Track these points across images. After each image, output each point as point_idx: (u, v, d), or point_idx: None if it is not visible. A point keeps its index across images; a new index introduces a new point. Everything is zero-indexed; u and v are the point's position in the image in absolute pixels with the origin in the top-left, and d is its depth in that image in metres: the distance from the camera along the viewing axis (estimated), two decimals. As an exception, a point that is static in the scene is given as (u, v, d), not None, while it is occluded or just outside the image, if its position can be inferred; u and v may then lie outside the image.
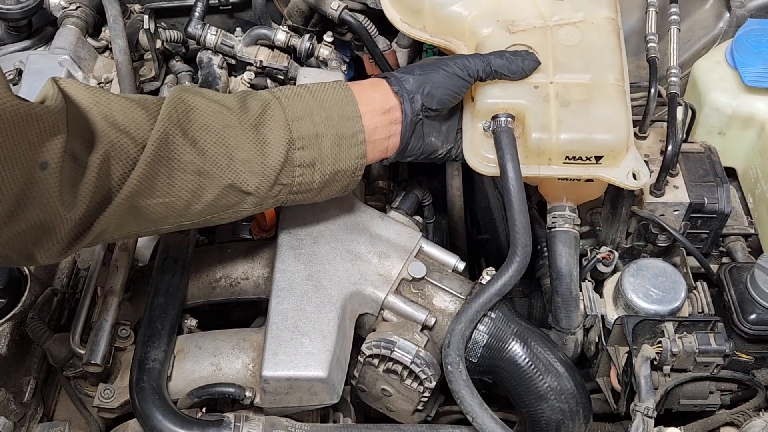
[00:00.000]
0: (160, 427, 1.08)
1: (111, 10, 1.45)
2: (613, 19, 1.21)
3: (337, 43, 1.61)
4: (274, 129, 1.02)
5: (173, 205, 0.99)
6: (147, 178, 0.95)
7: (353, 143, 1.07)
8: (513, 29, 1.19)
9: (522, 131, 1.11)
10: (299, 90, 1.08)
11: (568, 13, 1.20)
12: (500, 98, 1.12)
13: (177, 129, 0.97)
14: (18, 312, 1.19)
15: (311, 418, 1.21)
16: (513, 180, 1.08)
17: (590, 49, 1.17)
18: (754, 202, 1.39)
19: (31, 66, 1.42)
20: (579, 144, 1.09)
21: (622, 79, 1.15)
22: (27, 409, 1.20)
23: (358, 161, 1.08)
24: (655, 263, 1.22)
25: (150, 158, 0.94)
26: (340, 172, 1.08)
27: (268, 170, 1.02)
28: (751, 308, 1.16)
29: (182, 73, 1.61)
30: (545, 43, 1.17)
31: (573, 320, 1.22)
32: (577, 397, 1.13)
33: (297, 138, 1.03)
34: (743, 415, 1.19)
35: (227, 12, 1.72)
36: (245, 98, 1.04)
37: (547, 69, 1.15)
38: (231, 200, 1.02)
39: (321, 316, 1.12)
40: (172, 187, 0.97)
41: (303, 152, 1.04)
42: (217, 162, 0.99)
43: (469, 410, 1.07)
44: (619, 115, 1.11)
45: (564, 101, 1.11)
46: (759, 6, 1.52)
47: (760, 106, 1.37)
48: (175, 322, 1.20)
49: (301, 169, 1.04)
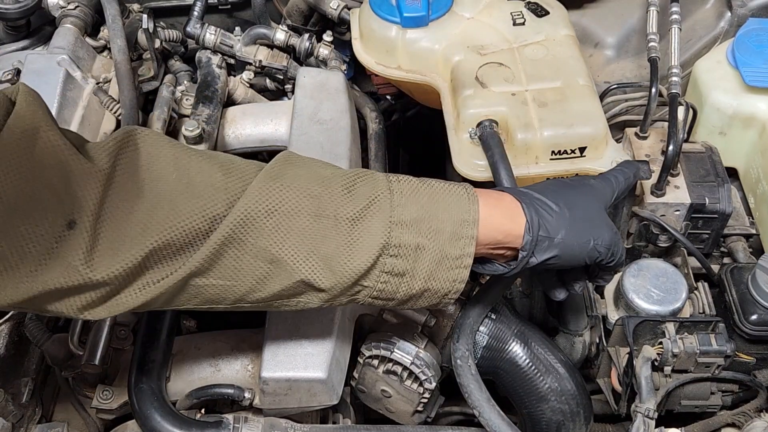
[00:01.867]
0: (159, 428, 1.08)
1: (110, 10, 1.44)
2: (572, 36, 1.33)
3: (337, 43, 1.61)
4: (374, 228, 0.89)
5: (235, 289, 0.89)
6: (214, 258, 0.85)
7: (455, 266, 0.92)
8: (483, 52, 1.29)
9: (507, 135, 1.18)
10: (419, 186, 0.93)
11: (530, 35, 1.32)
12: (482, 107, 1.20)
13: (264, 210, 0.85)
14: (16, 312, 1.19)
15: (311, 419, 1.21)
16: (505, 176, 1.10)
17: (556, 60, 1.27)
18: (756, 202, 1.38)
19: (29, 66, 1.42)
20: (562, 137, 1.17)
21: (590, 81, 1.26)
22: (25, 411, 1.20)
23: (455, 285, 0.94)
24: (656, 264, 1.22)
25: (223, 238, 0.84)
26: (431, 291, 0.93)
27: (349, 272, 0.89)
28: (753, 309, 1.15)
29: (181, 73, 1.60)
30: (514, 60, 1.28)
31: (581, 322, 1.22)
32: (577, 398, 1.13)
33: (395, 245, 0.89)
34: (744, 416, 1.18)
35: (226, 11, 1.71)
36: (355, 182, 0.91)
37: (521, 80, 1.24)
38: (299, 292, 0.91)
39: (320, 317, 1.12)
40: (239, 271, 0.87)
41: (395, 260, 0.90)
42: (296, 253, 0.87)
43: (476, 405, 1.06)
44: (594, 108, 1.21)
45: (541, 103, 1.21)
46: (760, 5, 1.51)
47: (761, 106, 1.36)
48: (174, 322, 1.20)
49: (388, 276, 0.91)
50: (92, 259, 0.80)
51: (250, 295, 0.90)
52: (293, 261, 0.87)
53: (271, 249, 0.87)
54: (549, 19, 1.35)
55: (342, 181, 0.91)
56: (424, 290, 0.93)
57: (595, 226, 0.97)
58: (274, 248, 0.87)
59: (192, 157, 0.88)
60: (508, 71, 1.25)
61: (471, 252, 0.92)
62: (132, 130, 0.86)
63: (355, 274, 0.89)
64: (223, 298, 0.90)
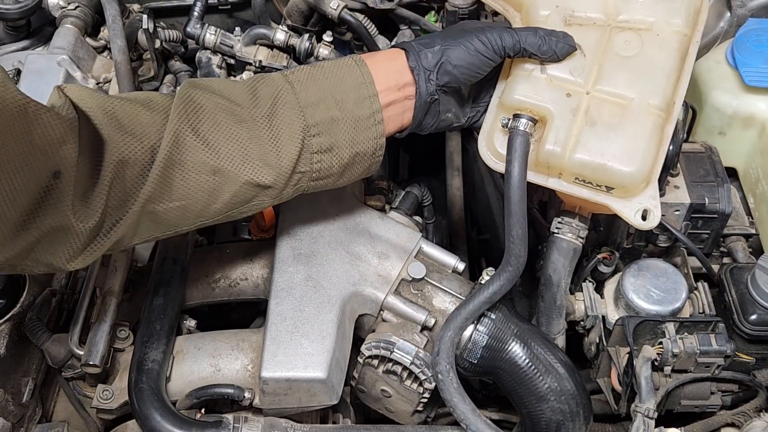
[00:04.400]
0: (159, 428, 1.08)
1: (110, 10, 1.45)
2: (686, 35, 1.08)
3: (337, 43, 1.61)
4: (288, 118, 1.00)
5: (191, 207, 0.98)
6: (162, 182, 0.94)
7: (370, 124, 1.04)
8: (570, 20, 1.08)
9: (540, 137, 1.06)
10: (313, 72, 1.04)
11: (637, 14, 1.08)
12: (528, 96, 1.06)
13: (188, 129, 0.95)
14: (17, 312, 1.19)
15: (310, 419, 1.21)
16: (516, 189, 1.04)
17: (643, 66, 1.06)
18: (755, 202, 1.39)
19: (29, 66, 1.42)
20: (590, 169, 1.03)
21: (665, 109, 1.05)
22: (25, 410, 1.20)
23: (377, 141, 1.05)
24: (656, 264, 1.22)
25: (163, 162, 0.93)
26: (360, 154, 1.05)
27: (284, 162, 1.00)
28: (752, 309, 1.16)
29: (181, 73, 1.60)
30: (598, 46, 1.07)
31: (553, 327, 1.21)
32: (577, 398, 1.13)
33: (312, 125, 1.00)
34: (744, 416, 1.18)
35: (226, 11, 1.71)
36: (256, 87, 1.01)
37: (589, 77, 1.06)
38: (249, 195, 1.01)
39: (320, 317, 1.12)
40: (189, 189, 0.96)
41: (319, 138, 1.01)
42: (232, 159, 0.97)
43: (462, 417, 1.07)
44: (645, 148, 1.03)
45: (592, 120, 1.04)
46: (760, 5, 1.51)
47: (761, 106, 1.37)
48: (174, 322, 1.20)
49: (318, 156, 1.02)
50: (74, 207, 0.87)
51: (206, 210, 0.99)
52: (233, 166, 0.97)
53: (209, 161, 0.96)
54: (672, 1, 1.09)
55: (244, 88, 1.01)
56: (353, 156, 1.04)
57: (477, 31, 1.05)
58: (211, 160, 0.96)
59: (115, 102, 0.94)
60: (580, 60, 1.07)
61: (378, 108, 1.03)
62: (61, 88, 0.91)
63: (291, 162, 0.99)
64: (183, 219, 0.99)
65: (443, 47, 1.05)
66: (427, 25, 1.63)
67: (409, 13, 1.63)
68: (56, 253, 0.90)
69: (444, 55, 1.04)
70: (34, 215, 0.84)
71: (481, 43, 1.04)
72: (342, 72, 1.04)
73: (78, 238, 0.90)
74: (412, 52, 1.05)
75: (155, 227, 0.98)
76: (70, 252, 0.91)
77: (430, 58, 1.05)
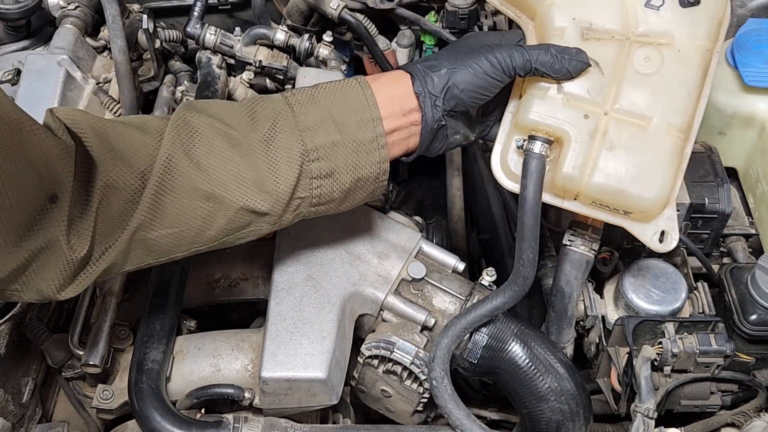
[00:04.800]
0: (159, 428, 1.08)
1: (110, 10, 1.45)
2: (708, 50, 1.03)
3: (337, 43, 1.61)
4: (286, 142, 0.95)
5: (184, 234, 0.94)
6: (153, 209, 0.90)
7: (373, 148, 0.99)
8: (587, 35, 1.02)
9: (557, 158, 1.02)
10: (314, 93, 1.00)
11: (658, 26, 1.02)
12: (544, 117, 1.00)
13: (182, 154, 0.92)
14: (17, 313, 1.19)
15: (310, 419, 1.21)
16: (530, 213, 1.00)
17: (664, 85, 1.01)
18: (755, 202, 1.39)
19: (29, 66, 1.42)
20: (608, 194, 1.00)
21: (686, 130, 1.02)
22: (25, 410, 1.20)
23: (381, 165, 1.01)
24: (656, 264, 1.22)
25: (155, 188, 0.90)
26: (362, 179, 1.00)
27: (281, 187, 0.95)
28: (752, 309, 1.16)
29: (181, 73, 1.60)
30: (616, 63, 1.01)
31: (563, 336, 1.21)
32: (577, 398, 1.13)
33: (311, 149, 0.96)
34: (744, 416, 1.18)
35: (226, 11, 1.71)
36: (254, 109, 0.98)
37: (608, 94, 1.01)
38: (245, 221, 0.97)
39: (320, 317, 1.12)
40: (181, 215, 0.93)
41: (319, 163, 0.97)
42: (227, 185, 0.93)
43: (458, 423, 1.08)
44: (665, 173, 1.00)
45: (610, 143, 1.00)
46: (760, 5, 1.51)
47: (761, 106, 1.37)
48: (174, 322, 1.20)
49: (318, 181, 0.97)
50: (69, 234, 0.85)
51: (200, 236, 0.96)
52: (227, 192, 0.94)
53: (201, 187, 0.92)
54: (695, 12, 1.02)
55: (242, 110, 0.98)
56: (355, 181, 1.00)
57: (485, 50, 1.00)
58: (204, 185, 0.93)
59: (107, 124, 0.92)
60: (597, 77, 1.01)
61: (381, 131, 0.99)
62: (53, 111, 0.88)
63: (288, 188, 0.96)
64: (176, 245, 0.95)
65: (450, 70, 1.00)
66: (427, 25, 1.63)
67: (409, 13, 1.63)
68: (46, 279, 0.87)
69: (451, 78, 1.00)
70: (26, 237, 0.81)
71: (489, 64, 0.99)
72: (344, 93, 1.00)
73: (69, 266, 0.87)
74: (418, 77, 1.01)
75: (147, 254, 0.95)
76: (60, 280, 0.87)
77: (437, 82, 1.00)
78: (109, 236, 0.90)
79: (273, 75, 1.60)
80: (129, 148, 0.90)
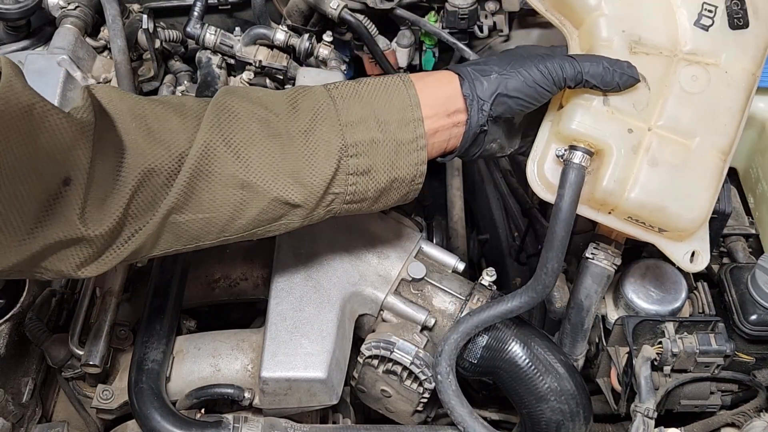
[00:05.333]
0: (159, 428, 1.08)
1: (110, 10, 1.45)
2: (753, 74, 1.03)
3: (337, 43, 1.61)
4: (326, 135, 0.94)
5: (215, 220, 0.94)
6: (187, 193, 0.90)
7: (412, 149, 0.98)
8: (635, 48, 1.00)
9: (596, 170, 1.00)
10: (357, 88, 0.98)
11: (706, 46, 1.01)
12: (587, 128, 0.99)
13: (220, 139, 0.91)
14: (17, 312, 1.19)
15: (310, 419, 1.21)
16: (562, 223, 0.98)
17: (710, 104, 1.01)
18: (755, 202, 1.39)
19: (29, 66, 1.42)
20: (647, 211, 1.00)
21: (728, 152, 1.02)
22: (25, 410, 1.20)
23: (418, 168, 0.99)
24: (656, 264, 1.22)
25: (191, 172, 0.89)
26: (398, 180, 0.99)
27: (317, 181, 0.94)
28: (752, 309, 1.16)
29: (181, 73, 1.60)
30: (663, 79, 1.00)
31: (577, 349, 1.21)
32: (577, 398, 1.13)
33: (351, 145, 0.95)
34: (744, 416, 1.18)
35: (226, 11, 1.71)
36: (296, 99, 0.97)
37: (652, 111, 1.00)
38: (277, 213, 0.96)
39: (320, 317, 1.12)
40: (214, 201, 0.92)
41: (357, 159, 0.95)
42: (263, 175, 0.93)
43: (460, 420, 1.07)
44: (705, 194, 1.00)
45: (653, 160, 0.99)
46: (760, 5, 1.51)
47: (761, 106, 1.37)
48: (174, 322, 1.20)
49: (354, 178, 0.96)
50: (85, 215, 0.84)
51: (231, 225, 0.95)
52: (262, 182, 0.93)
53: (238, 175, 0.92)
54: (743, 35, 1.02)
55: (284, 99, 0.96)
56: (391, 181, 0.98)
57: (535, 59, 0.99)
58: (240, 173, 0.92)
59: (145, 105, 0.91)
60: (644, 92, 1.00)
61: (422, 133, 0.98)
62: (88, 88, 0.88)
63: (324, 182, 0.95)
64: (206, 232, 0.94)
65: (500, 76, 0.98)
66: (427, 26, 1.63)
67: (409, 13, 1.63)
68: (65, 260, 0.87)
69: (501, 84, 0.98)
70: (42, 222, 0.82)
71: (540, 74, 0.98)
72: (388, 91, 0.98)
73: (90, 245, 0.86)
74: (467, 79, 0.99)
75: (176, 239, 0.94)
76: (81, 259, 0.88)
77: (486, 86, 0.98)
78: (140, 218, 0.90)
79: (273, 75, 1.60)
80: (167, 131, 0.90)
